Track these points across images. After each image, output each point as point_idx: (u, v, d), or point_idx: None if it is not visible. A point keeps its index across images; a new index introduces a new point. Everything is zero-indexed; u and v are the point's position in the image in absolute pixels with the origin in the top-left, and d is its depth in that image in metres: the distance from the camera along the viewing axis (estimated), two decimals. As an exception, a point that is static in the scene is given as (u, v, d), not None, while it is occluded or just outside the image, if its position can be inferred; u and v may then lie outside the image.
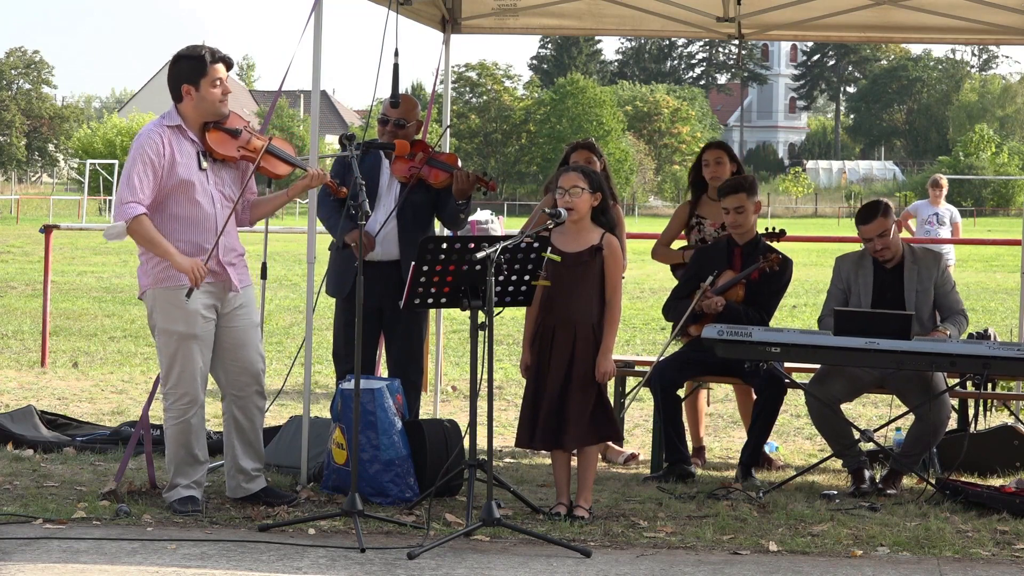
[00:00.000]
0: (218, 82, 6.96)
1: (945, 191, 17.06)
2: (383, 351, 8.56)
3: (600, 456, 8.20)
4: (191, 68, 6.96)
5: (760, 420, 8.08)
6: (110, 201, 58.13)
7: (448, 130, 9.36)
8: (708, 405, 10.09)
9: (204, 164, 6.97)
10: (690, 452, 8.68)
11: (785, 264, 8.15)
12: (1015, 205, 76.09)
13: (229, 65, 7.04)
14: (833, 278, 8.18)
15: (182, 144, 6.94)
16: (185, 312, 6.88)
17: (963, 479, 7.98)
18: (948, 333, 7.76)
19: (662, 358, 8.27)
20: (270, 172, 7.12)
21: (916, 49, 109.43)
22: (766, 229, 8.66)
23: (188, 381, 6.95)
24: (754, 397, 8.38)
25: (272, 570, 5.99)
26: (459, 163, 7.99)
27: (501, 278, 6.72)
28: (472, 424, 6.73)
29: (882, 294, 7.99)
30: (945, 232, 16.62)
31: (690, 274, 8.28)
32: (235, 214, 7.06)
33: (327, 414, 7.83)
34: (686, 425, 8.50)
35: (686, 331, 8.16)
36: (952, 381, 8.09)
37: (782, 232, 8.70)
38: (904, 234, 18.17)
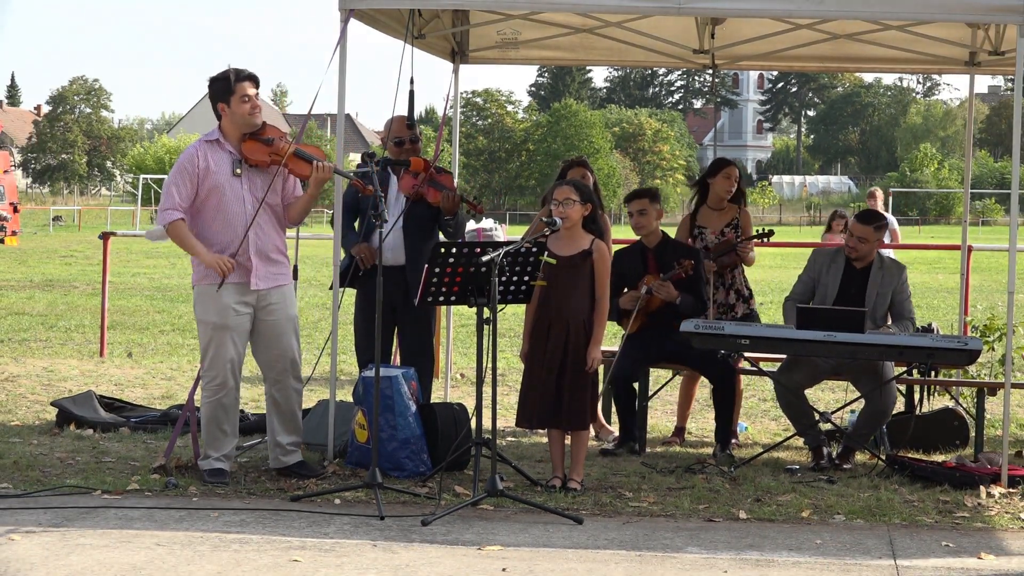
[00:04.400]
0: (246, 97, 7.00)
1: (879, 202, 16.62)
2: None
3: (592, 435, 8.19)
4: (220, 89, 7.04)
5: (723, 404, 8.09)
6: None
7: (447, 144, 9.31)
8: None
9: (238, 171, 7.00)
10: (673, 431, 8.73)
11: (697, 263, 8.06)
12: (955, 215, 75.94)
13: (255, 82, 7.07)
14: (807, 266, 8.11)
15: (218, 155, 7.00)
16: (219, 305, 6.93)
17: (910, 455, 7.98)
18: (893, 331, 7.75)
19: (615, 359, 8.11)
20: (296, 172, 7.11)
21: (868, 77, 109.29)
22: (758, 230, 8.66)
23: (220, 366, 6.97)
24: (698, 382, 8.76)
25: (302, 535, 5.99)
26: (454, 183, 7.98)
27: (504, 279, 6.71)
28: (478, 407, 6.72)
29: (847, 290, 7.96)
30: (884, 240, 16.34)
31: (614, 276, 8.05)
32: (275, 216, 7.09)
33: (351, 398, 7.81)
34: (675, 406, 8.48)
35: (624, 324, 8.07)
36: (900, 369, 8.08)
37: (771, 232, 8.74)
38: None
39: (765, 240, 8.77)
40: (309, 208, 7.26)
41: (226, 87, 7.00)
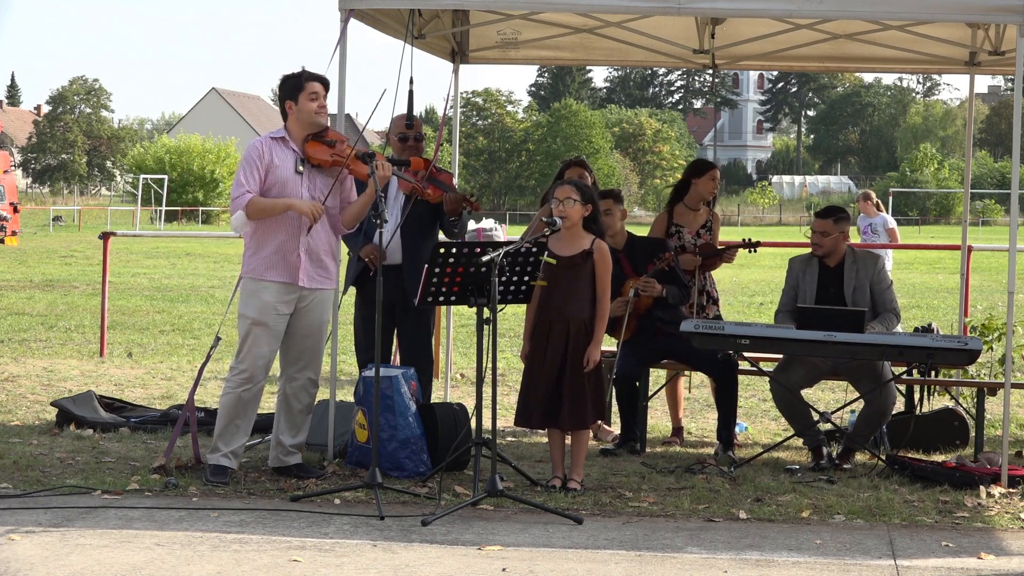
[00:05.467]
0: (314, 95, 7.04)
1: (872, 203, 16.41)
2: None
3: (592, 435, 8.19)
4: (291, 86, 7.08)
5: (723, 403, 8.11)
6: (160, 211, 58.11)
7: (447, 144, 9.31)
8: (689, 391, 10.11)
9: (300, 168, 7.05)
10: (671, 431, 8.73)
11: (673, 258, 8.15)
12: (955, 215, 75.98)
13: (325, 84, 7.11)
14: (787, 276, 8.19)
15: (282, 152, 7.04)
16: (261, 302, 6.98)
17: (910, 455, 7.98)
18: (877, 331, 7.72)
19: (617, 358, 8.14)
20: (357, 173, 7.15)
21: (868, 77, 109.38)
22: (743, 240, 8.69)
23: (250, 361, 7.00)
24: (681, 381, 8.76)
25: (302, 535, 5.99)
26: (454, 181, 7.99)
27: (504, 279, 6.71)
28: (478, 407, 6.72)
29: (825, 289, 7.99)
30: (881, 240, 16.28)
31: None
32: (330, 218, 7.13)
33: (351, 398, 7.81)
34: (666, 409, 8.48)
35: (617, 333, 8.07)
36: (899, 369, 8.09)
37: (757, 243, 8.74)
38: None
39: (752, 250, 8.80)
40: (364, 212, 7.22)
41: (296, 84, 7.04)
